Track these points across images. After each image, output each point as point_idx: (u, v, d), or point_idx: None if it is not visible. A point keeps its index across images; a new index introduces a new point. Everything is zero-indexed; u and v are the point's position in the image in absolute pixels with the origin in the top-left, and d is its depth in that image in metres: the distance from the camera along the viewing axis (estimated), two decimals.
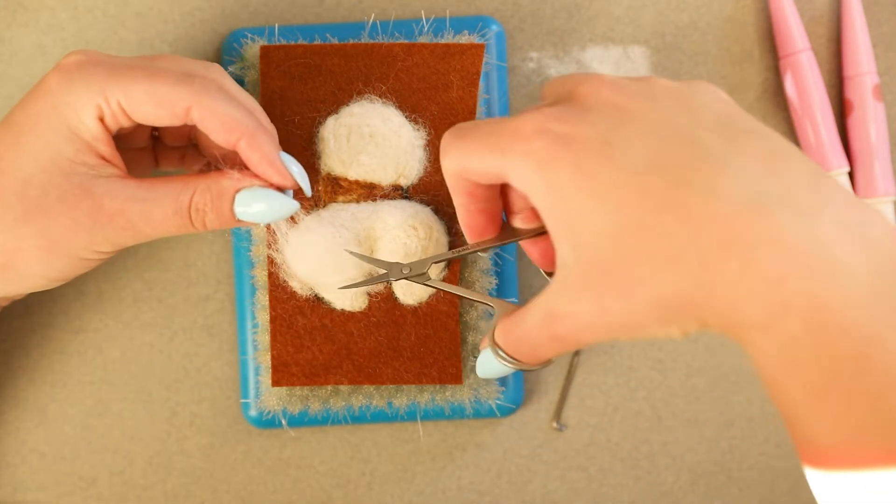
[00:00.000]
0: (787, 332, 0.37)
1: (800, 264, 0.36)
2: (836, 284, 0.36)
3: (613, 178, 0.39)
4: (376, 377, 0.57)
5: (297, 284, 0.57)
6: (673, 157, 0.39)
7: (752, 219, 0.37)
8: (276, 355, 0.57)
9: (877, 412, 0.36)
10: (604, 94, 0.42)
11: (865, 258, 0.37)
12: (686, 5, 0.63)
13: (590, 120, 0.41)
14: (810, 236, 0.37)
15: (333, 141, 0.57)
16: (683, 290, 0.38)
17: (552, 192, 0.41)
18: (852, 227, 0.38)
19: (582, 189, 0.40)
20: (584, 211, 0.40)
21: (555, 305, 0.42)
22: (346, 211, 0.57)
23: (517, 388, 0.60)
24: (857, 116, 0.62)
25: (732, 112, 0.42)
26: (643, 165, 0.39)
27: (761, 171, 0.39)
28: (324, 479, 0.61)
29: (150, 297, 0.61)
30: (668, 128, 0.40)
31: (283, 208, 0.50)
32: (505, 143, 0.42)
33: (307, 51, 0.58)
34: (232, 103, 0.49)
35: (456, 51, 0.58)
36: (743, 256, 0.37)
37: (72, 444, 0.61)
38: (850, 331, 0.36)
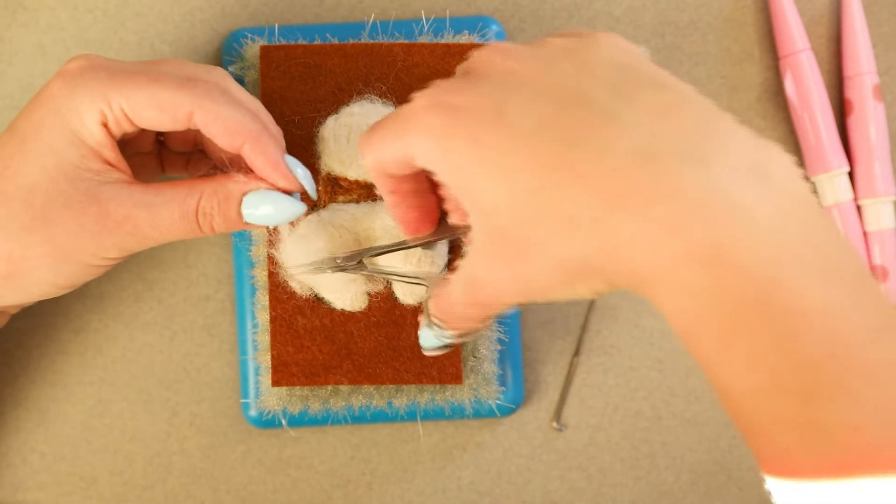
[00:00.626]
0: (688, 282, 0.36)
1: (694, 212, 0.36)
2: (735, 229, 0.36)
3: (506, 145, 0.39)
4: (376, 377, 0.57)
5: (297, 285, 0.57)
6: (563, 118, 0.39)
7: (644, 172, 0.37)
8: (276, 355, 0.57)
9: (783, 355, 0.35)
10: (496, 61, 0.42)
11: (766, 200, 0.36)
12: (686, 5, 0.63)
13: (482, 89, 0.41)
14: (705, 183, 0.36)
15: (333, 141, 0.57)
16: (583, 252, 0.38)
17: (452, 165, 0.41)
18: (752, 169, 0.37)
19: (478, 159, 0.40)
20: (484, 180, 0.40)
21: (473, 273, 0.43)
22: (346, 211, 0.57)
23: (517, 388, 0.60)
24: (857, 116, 0.62)
25: (629, 63, 0.41)
26: (534, 129, 0.39)
27: (654, 124, 0.38)
28: (324, 479, 0.61)
29: (151, 298, 0.61)
30: (559, 89, 0.40)
31: (290, 211, 0.50)
32: (404, 125, 0.42)
33: (307, 51, 0.58)
34: (235, 107, 0.49)
35: (456, 51, 0.58)
36: (636, 211, 0.37)
37: (72, 444, 0.61)
38: (751, 274, 0.36)
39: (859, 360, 0.35)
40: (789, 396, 0.36)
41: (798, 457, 0.36)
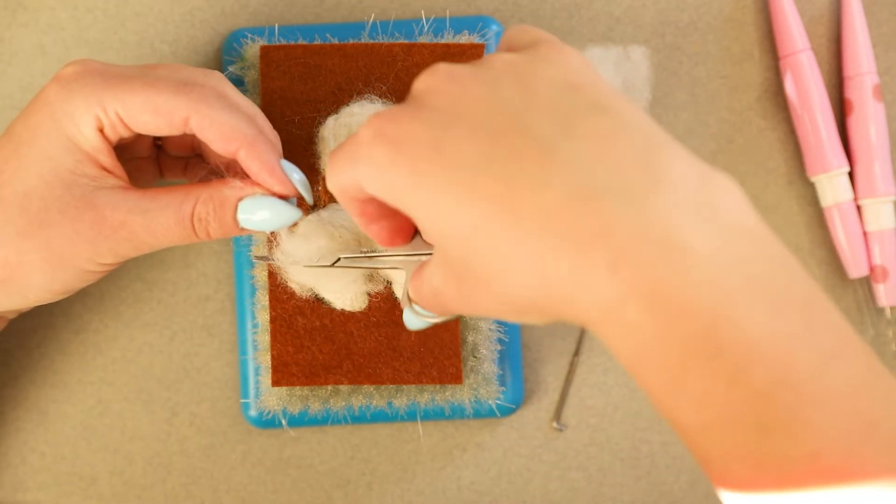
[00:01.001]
0: (631, 323, 0.36)
1: (632, 253, 0.36)
2: (674, 268, 0.35)
3: (446, 179, 0.39)
4: (376, 377, 0.57)
5: (297, 285, 0.57)
6: (501, 151, 0.38)
7: (581, 212, 0.36)
8: (276, 355, 0.57)
9: (733, 390, 0.35)
10: (439, 86, 0.41)
11: (708, 235, 0.36)
12: (686, 5, 0.63)
13: (422, 118, 0.40)
14: (643, 222, 0.36)
15: (333, 141, 0.57)
16: (524, 291, 0.38)
17: (397, 195, 0.41)
18: (694, 203, 0.36)
19: (421, 191, 0.39)
20: (427, 212, 0.40)
21: (434, 283, 0.44)
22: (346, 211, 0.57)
23: (517, 388, 0.60)
24: (857, 116, 0.62)
25: (575, 82, 0.40)
26: (472, 164, 0.38)
27: (593, 156, 0.37)
28: (324, 479, 0.61)
29: (151, 298, 0.61)
30: (499, 117, 0.39)
31: (286, 216, 0.50)
32: (353, 154, 0.42)
33: (307, 51, 0.58)
34: (231, 112, 0.49)
35: (456, 51, 0.58)
36: (574, 253, 0.36)
37: (72, 444, 0.61)
38: (694, 313, 0.35)
39: (812, 387, 0.35)
40: (744, 429, 0.35)
41: (756, 483, 0.36)
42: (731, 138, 0.63)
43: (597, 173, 0.37)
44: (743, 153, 0.63)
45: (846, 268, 0.62)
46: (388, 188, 0.41)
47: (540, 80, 0.40)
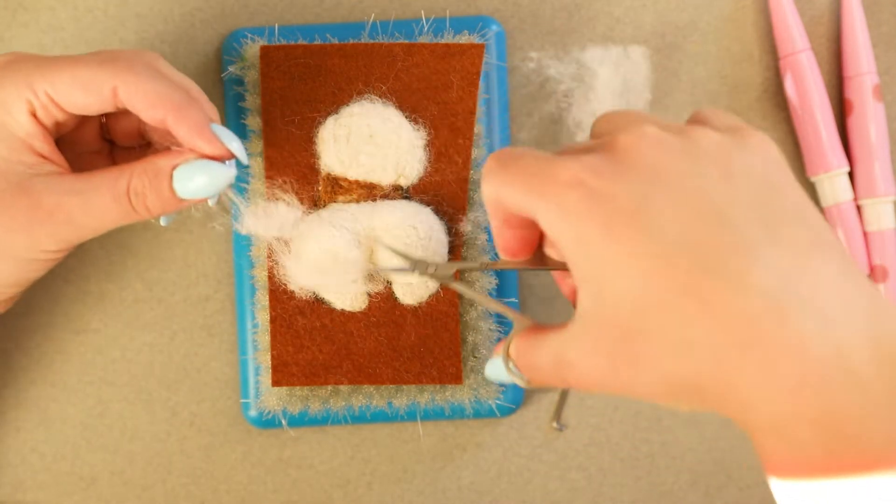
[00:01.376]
0: (796, 440, 0.37)
1: (815, 375, 0.37)
2: (852, 397, 0.37)
3: (640, 249, 0.39)
4: (376, 377, 0.57)
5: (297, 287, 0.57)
6: (703, 237, 0.39)
7: (774, 322, 0.37)
8: (276, 355, 0.57)
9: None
10: (643, 149, 0.41)
11: (882, 370, 0.37)
12: (686, 5, 0.63)
13: (626, 179, 0.40)
14: (833, 347, 0.37)
15: (333, 141, 0.57)
16: (695, 380, 0.39)
17: (579, 245, 0.40)
18: (874, 335, 0.38)
19: (608, 251, 0.39)
20: (608, 273, 0.40)
21: (567, 353, 0.42)
22: (346, 211, 0.57)
23: (517, 389, 0.60)
24: (857, 116, 0.62)
25: (776, 182, 0.41)
26: (672, 241, 0.39)
27: (792, 267, 0.38)
28: (324, 479, 0.61)
29: (151, 298, 0.61)
30: (703, 201, 0.39)
31: (223, 178, 0.49)
32: (540, 187, 0.41)
33: (307, 51, 0.58)
34: (158, 79, 0.49)
35: (456, 51, 0.58)
36: (759, 361, 0.37)
37: (72, 444, 0.61)
38: (861, 445, 0.37)
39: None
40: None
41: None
42: None
43: (795, 287, 0.38)
44: None
45: None
46: (571, 235, 0.40)
47: (743, 171, 0.40)
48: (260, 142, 0.58)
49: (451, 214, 0.57)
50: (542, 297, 0.62)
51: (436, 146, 0.58)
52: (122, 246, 0.61)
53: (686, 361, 0.39)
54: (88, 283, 0.61)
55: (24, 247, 0.49)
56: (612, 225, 0.39)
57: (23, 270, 0.50)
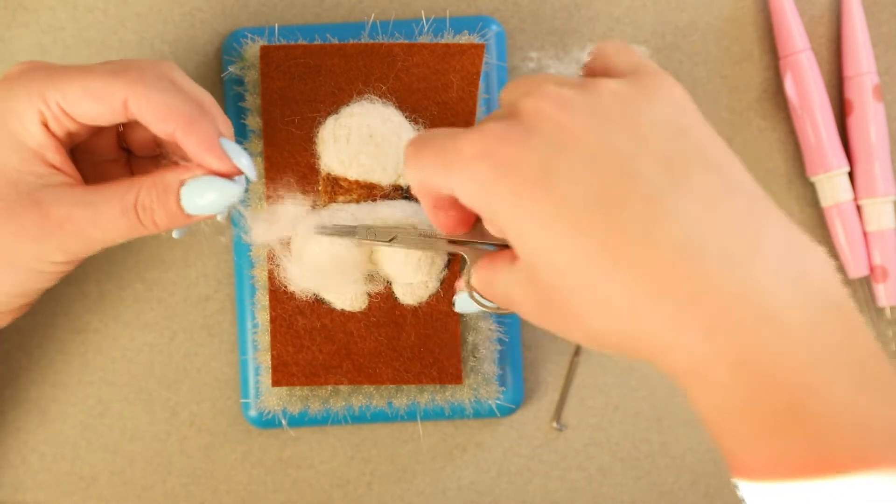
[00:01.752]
0: (716, 382, 0.37)
1: (729, 317, 0.37)
2: (767, 336, 0.37)
3: (550, 210, 0.39)
4: (376, 377, 0.57)
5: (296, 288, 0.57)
6: (610, 192, 0.39)
7: (684, 270, 0.37)
8: (276, 355, 0.57)
9: (810, 458, 0.36)
10: (547, 111, 0.41)
11: (800, 306, 0.37)
12: (686, 5, 0.63)
13: (531, 144, 0.40)
14: (742, 287, 0.37)
15: (333, 141, 0.57)
16: (615, 333, 0.39)
17: (496, 213, 0.41)
18: (790, 273, 0.38)
19: (520, 217, 0.40)
20: (526, 238, 0.41)
21: (512, 293, 0.44)
22: (346, 211, 0.57)
23: (517, 388, 0.60)
24: (857, 116, 0.62)
25: (684, 127, 0.41)
26: (580, 200, 0.39)
27: (700, 214, 0.38)
28: (324, 479, 0.61)
29: (151, 298, 0.61)
30: (609, 157, 0.40)
31: (232, 195, 0.49)
32: (451, 163, 0.42)
33: (307, 51, 0.58)
34: (169, 91, 0.48)
35: (456, 51, 0.58)
36: (671, 309, 0.37)
37: (72, 444, 0.61)
38: (782, 382, 0.37)
39: (888, 463, 0.36)
40: (813, 489, 0.37)
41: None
42: (731, 138, 0.63)
43: (702, 234, 0.38)
44: (743, 153, 0.63)
45: (846, 268, 0.62)
46: (485, 204, 0.41)
47: (649, 121, 0.41)
48: (260, 142, 0.58)
49: None
50: None
51: None
52: (122, 246, 0.61)
53: (603, 318, 0.39)
54: (88, 283, 0.61)
55: (32, 257, 0.49)
56: (522, 191, 0.40)
57: (30, 281, 0.50)
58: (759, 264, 0.38)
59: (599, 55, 0.44)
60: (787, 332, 0.37)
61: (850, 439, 0.36)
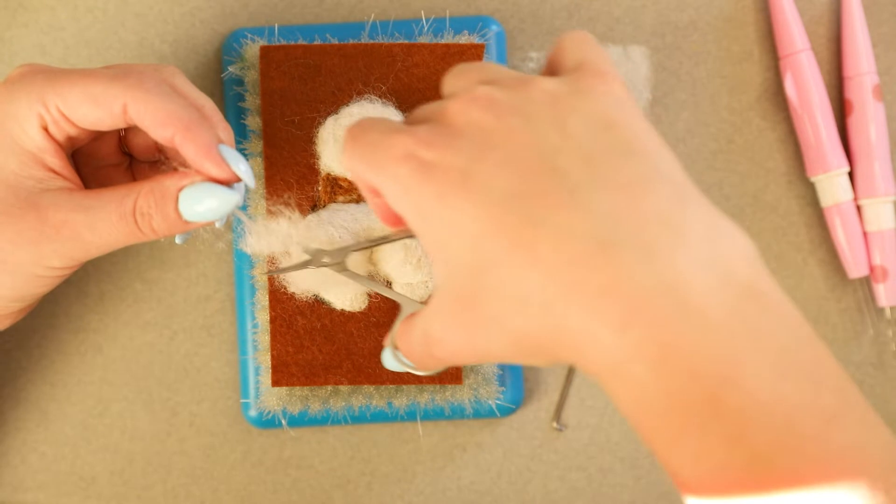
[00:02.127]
0: (634, 378, 0.36)
1: (644, 310, 0.36)
2: (684, 328, 0.36)
3: (471, 212, 0.39)
4: (376, 377, 0.57)
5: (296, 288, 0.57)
6: (529, 190, 0.38)
7: (598, 263, 0.37)
8: (276, 355, 0.57)
9: (733, 452, 0.35)
10: (473, 114, 0.41)
11: (719, 296, 0.36)
12: (686, 5, 0.63)
13: (455, 146, 0.40)
14: (658, 279, 0.36)
15: (333, 141, 0.57)
16: (533, 333, 0.38)
17: (418, 217, 0.41)
18: (709, 262, 0.37)
19: (443, 220, 0.40)
20: (447, 242, 0.40)
21: (430, 328, 0.42)
22: (346, 211, 0.57)
23: (517, 388, 0.60)
24: (857, 116, 0.62)
25: (611, 120, 0.40)
26: (498, 199, 0.39)
27: (617, 205, 0.38)
28: (324, 479, 0.61)
29: (151, 297, 0.61)
30: (531, 154, 0.39)
31: (229, 202, 0.49)
32: (379, 162, 0.41)
33: (307, 51, 0.58)
34: (168, 97, 0.48)
35: (456, 51, 0.58)
36: (584, 303, 0.37)
37: (72, 444, 0.61)
38: (699, 375, 0.36)
39: (812, 450, 0.35)
40: (740, 488, 0.36)
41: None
42: (731, 138, 0.63)
43: (619, 225, 0.37)
44: (743, 153, 0.63)
45: (846, 268, 0.62)
46: (408, 206, 0.41)
47: (576, 116, 0.40)
48: (260, 142, 0.58)
49: None
50: None
51: None
52: None
53: (521, 318, 0.38)
54: (88, 283, 0.61)
55: (30, 262, 0.49)
56: (444, 194, 0.39)
57: (27, 285, 0.50)
58: (678, 253, 0.37)
59: (557, 48, 0.44)
60: (705, 323, 0.36)
61: (773, 431, 0.35)
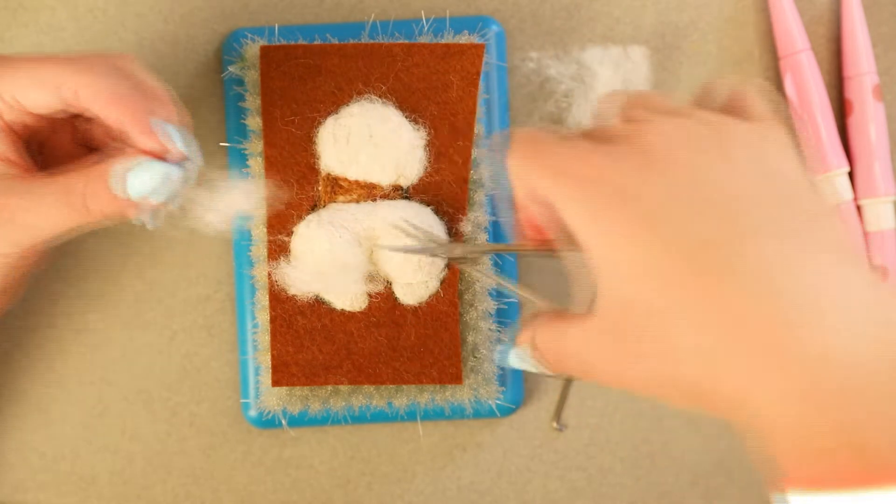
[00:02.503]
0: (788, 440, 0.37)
1: (827, 382, 0.36)
2: (867, 404, 0.36)
3: (659, 253, 0.39)
4: (376, 377, 0.57)
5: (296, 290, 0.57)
6: (711, 236, 0.39)
7: (766, 322, 0.37)
8: (276, 355, 0.57)
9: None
10: (673, 143, 0.40)
11: (888, 371, 0.37)
12: (686, 5, 0.63)
13: (650, 180, 0.40)
14: (825, 349, 0.37)
15: (333, 141, 0.57)
16: (687, 381, 0.39)
17: (598, 244, 0.40)
18: (875, 332, 0.37)
19: (625, 253, 0.39)
20: (624, 274, 0.40)
21: (586, 352, 0.42)
22: (346, 211, 0.57)
23: (517, 388, 0.60)
24: (857, 116, 0.62)
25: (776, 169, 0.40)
26: (689, 243, 0.39)
27: (801, 269, 0.38)
28: (324, 479, 0.61)
29: (151, 297, 0.61)
30: (718, 199, 0.39)
31: (168, 177, 0.48)
32: (566, 180, 0.41)
33: (307, 51, 0.58)
34: (118, 80, 0.48)
35: (456, 51, 0.58)
36: (749, 364, 0.37)
37: (72, 444, 0.61)
38: (868, 454, 0.36)
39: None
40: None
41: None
42: None
43: (801, 289, 0.38)
44: None
45: None
46: (588, 231, 0.40)
47: (741, 155, 0.40)
48: (260, 142, 0.58)
49: (451, 214, 0.57)
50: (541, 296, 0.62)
51: (436, 146, 0.58)
52: (122, 246, 0.61)
53: (681, 364, 0.39)
54: (88, 283, 0.61)
55: None
56: (634, 227, 0.39)
57: None
58: (845, 322, 0.37)
59: (741, 96, 0.44)
60: (872, 399, 0.36)
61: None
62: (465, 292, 0.58)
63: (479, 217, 0.58)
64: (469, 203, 0.58)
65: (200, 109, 0.62)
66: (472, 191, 0.58)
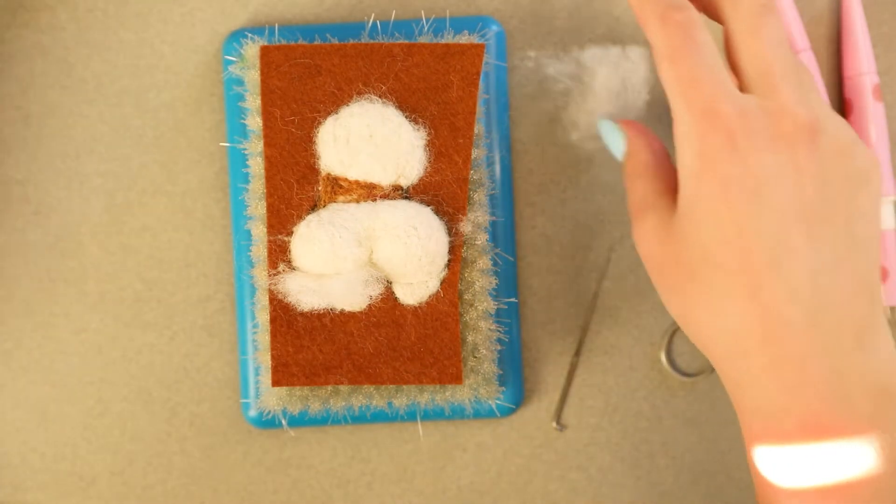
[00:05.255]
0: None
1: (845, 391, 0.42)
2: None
3: (736, 224, 0.42)
4: (376, 377, 0.57)
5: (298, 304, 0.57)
6: (789, 242, 0.42)
7: (807, 347, 0.42)
8: (276, 355, 0.57)
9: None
10: (799, 122, 0.43)
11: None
12: None
13: (763, 160, 0.42)
14: (861, 376, 0.42)
15: (333, 141, 0.57)
16: (719, 344, 0.46)
17: (692, 183, 0.43)
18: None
19: (710, 205, 0.43)
20: (698, 211, 0.43)
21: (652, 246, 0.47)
22: (346, 211, 0.57)
23: (517, 388, 0.60)
24: (857, 116, 0.62)
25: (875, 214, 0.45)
26: (768, 237, 0.42)
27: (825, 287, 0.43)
28: (324, 479, 0.61)
29: (151, 298, 0.61)
30: (810, 207, 0.43)
31: None
32: (698, 105, 0.43)
33: (307, 51, 0.58)
34: None
35: (456, 51, 0.58)
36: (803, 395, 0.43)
37: (72, 444, 0.61)
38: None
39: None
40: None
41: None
42: None
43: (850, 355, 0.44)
44: None
45: None
46: (691, 170, 0.44)
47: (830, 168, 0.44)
48: (260, 142, 0.58)
49: (451, 214, 0.57)
50: (541, 296, 0.62)
51: (436, 146, 0.58)
52: (122, 246, 0.61)
53: (730, 354, 0.45)
54: (88, 283, 0.61)
55: None
56: (729, 191, 0.42)
57: None
58: (876, 352, 0.43)
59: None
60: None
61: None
62: (465, 292, 0.58)
63: (479, 217, 0.58)
64: (469, 203, 0.58)
65: (200, 109, 0.62)
66: (472, 191, 0.58)
